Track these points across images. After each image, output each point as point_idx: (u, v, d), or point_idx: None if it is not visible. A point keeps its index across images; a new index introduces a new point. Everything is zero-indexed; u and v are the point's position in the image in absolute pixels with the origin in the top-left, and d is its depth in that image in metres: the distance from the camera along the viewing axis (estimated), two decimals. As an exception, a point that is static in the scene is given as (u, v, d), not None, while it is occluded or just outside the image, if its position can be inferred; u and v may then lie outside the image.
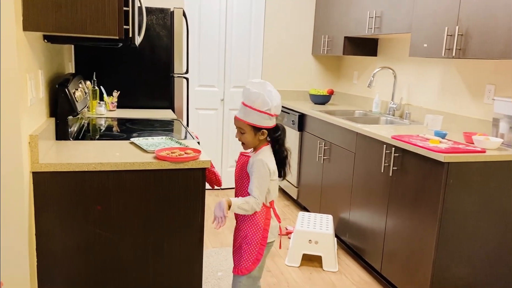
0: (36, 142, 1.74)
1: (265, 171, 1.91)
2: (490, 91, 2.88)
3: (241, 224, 2.02)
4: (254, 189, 1.91)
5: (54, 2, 1.68)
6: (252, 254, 1.97)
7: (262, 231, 1.98)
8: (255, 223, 1.98)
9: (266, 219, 1.99)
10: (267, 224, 1.98)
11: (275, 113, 1.95)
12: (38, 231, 1.83)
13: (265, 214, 1.99)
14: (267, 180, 1.93)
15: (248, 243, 1.98)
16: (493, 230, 2.49)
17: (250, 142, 1.98)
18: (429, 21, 2.92)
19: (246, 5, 4.54)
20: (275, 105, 1.92)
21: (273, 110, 1.92)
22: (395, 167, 2.70)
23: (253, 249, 1.97)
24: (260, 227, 1.98)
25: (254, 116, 1.92)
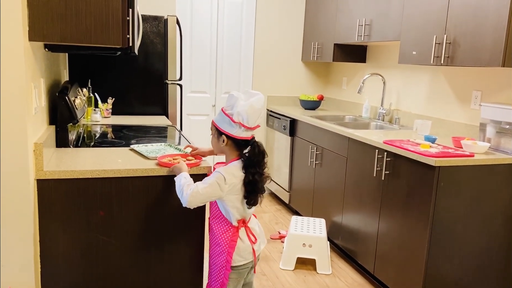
0: (41, 150, 1.77)
1: (217, 176, 1.76)
2: (477, 97, 2.98)
3: (210, 240, 1.95)
4: (198, 184, 1.76)
5: (59, 13, 1.71)
6: (218, 278, 1.88)
7: (226, 255, 1.84)
8: (217, 244, 1.87)
9: (231, 241, 1.84)
10: (231, 247, 1.84)
11: (239, 121, 1.76)
12: (42, 237, 1.85)
13: (231, 236, 1.85)
14: (214, 189, 1.75)
15: (214, 265, 1.90)
16: (483, 232, 2.58)
17: (213, 146, 1.91)
18: (418, 29, 3.01)
19: (237, 13, 4.60)
20: (240, 112, 1.75)
21: (236, 116, 1.76)
22: (387, 171, 2.77)
23: (219, 273, 1.87)
24: (223, 250, 1.85)
25: (219, 118, 1.83)
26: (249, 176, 1.79)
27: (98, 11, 1.76)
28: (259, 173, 1.81)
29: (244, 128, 1.78)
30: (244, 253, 1.88)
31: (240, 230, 1.87)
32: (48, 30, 1.71)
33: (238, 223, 1.87)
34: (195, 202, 1.77)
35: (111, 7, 1.78)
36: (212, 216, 1.93)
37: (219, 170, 1.80)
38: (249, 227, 1.91)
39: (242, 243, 1.87)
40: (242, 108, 1.76)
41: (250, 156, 1.81)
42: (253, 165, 1.80)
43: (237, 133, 1.79)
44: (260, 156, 1.81)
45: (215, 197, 1.81)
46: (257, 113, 1.78)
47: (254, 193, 1.82)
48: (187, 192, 1.75)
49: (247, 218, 1.91)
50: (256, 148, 1.81)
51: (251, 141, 1.82)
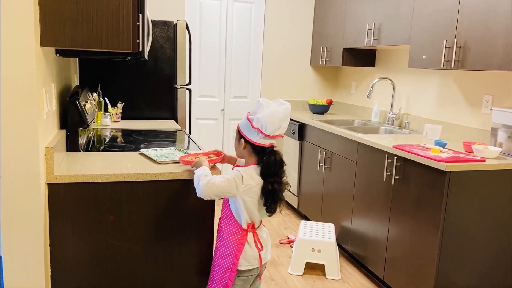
0: (52, 154, 1.78)
1: (235, 174, 1.77)
2: (488, 101, 2.96)
3: (217, 241, 1.95)
4: (215, 177, 1.77)
5: (71, 18, 1.73)
6: (222, 279, 1.87)
7: (233, 257, 1.84)
8: (226, 246, 1.87)
9: (239, 244, 1.84)
10: (239, 250, 1.84)
11: (257, 127, 1.77)
12: (52, 241, 1.86)
13: (239, 238, 1.85)
14: (230, 186, 1.76)
15: (218, 266, 1.90)
16: (495, 237, 2.55)
17: (235, 149, 1.93)
18: (427, 33, 3.00)
19: (245, 17, 4.61)
20: (260, 118, 1.77)
21: (255, 121, 1.77)
22: (397, 176, 2.76)
23: (223, 275, 1.87)
24: (231, 252, 1.85)
25: (243, 120, 1.85)
26: (269, 186, 1.78)
27: (109, 17, 1.77)
28: (278, 182, 1.80)
29: (262, 135, 1.78)
30: (250, 259, 1.87)
31: (248, 234, 1.87)
32: (60, 36, 1.73)
33: (247, 226, 1.86)
34: (209, 193, 1.75)
35: (122, 13, 1.80)
36: (223, 217, 1.93)
37: (238, 169, 1.81)
38: (257, 233, 1.90)
39: (249, 247, 1.87)
40: (262, 115, 1.77)
41: (266, 164, 1.79)
42: (271, 174, 1.79)
43: (255, 139, 1.80)
44: (277, 165, 1.80)
45: (229, 193, 1.79)
46: (277, 122, 1.78)
47: (274, 202, 1.81)
48: (203, 181, 1.75)
49: (256, 223, 1.90)
50: (273, 156, 1.80)
51: (268, 149, 1.81)
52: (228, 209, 1.90)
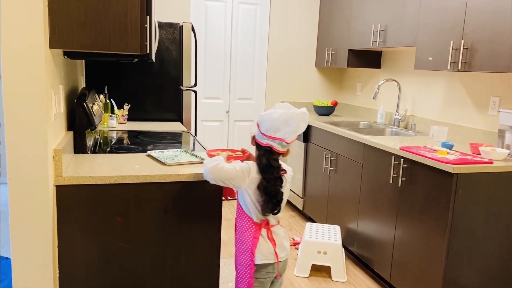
0: (60, 156, 1.78)
1: (243, 169, 1.82)
2: (495, 103, 2.95)
3: (235, 240, 1.99)
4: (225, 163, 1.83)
5: (80, 21, 1.74)
6: (244, 278, 1.91)
7: (250, 253, 1.88)
8: (243, 242, 1.91)
9: (254, 238, 1.88)
10: (254, 244, 1.88)
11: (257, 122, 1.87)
12: (60, 242, 1.86)
13: (253, 233, 1.89)
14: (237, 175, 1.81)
15: (239, 265, 1.94)
16: (502, 239, 2.53)
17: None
18: (434, 34, 2.99)
19: (250, 19, 4.62)
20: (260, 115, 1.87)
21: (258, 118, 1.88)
22: (403, 178, 2.75)
23: (244, 273, 1.91)
24: (247, 248, 1.89)
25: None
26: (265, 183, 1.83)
27: (117, 19, 1.78)
28: (266, 179, 1.83)
29: (259, 132, 1.85)
30: (266, 252, 1.90)
31: (262, 229, 1.91)
32: (69, 38, 1.74)
33: (261, 222, 1.90)
34: (215, 176, 1.80)
35: (130, 15, 1.80)
36: (237, 215, 1.98)
37: (247, 162, 1.87)
38: (272, 230, 1.93)
39: (264, 242, 1.90)
40: (263, 113, 1.86)
41: (257, 161, 1.86)
42: (261, 170, 1.84)
43: (256, 135, 1.88)
44: (261, 165, 1.84)
45: (234, 182, 1.83)
46: (271, 122, 1.81)
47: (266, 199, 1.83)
48: (211, 164, 1.80)
49: (271, 221, 1.93)
50: (263, 156, 1.84)
51: (263, 148, 1.85)
52: (240, 207, 1.95)
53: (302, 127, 1.86)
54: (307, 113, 1.87)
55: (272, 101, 4.82)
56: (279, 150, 1.85)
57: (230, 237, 3.83)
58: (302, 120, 1.85)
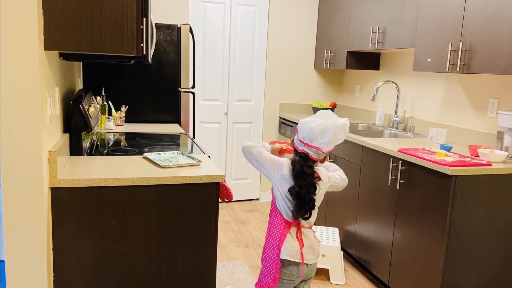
0: (55, 158, 1.77)
1: (278, 161, 1.89)
2: (494, 105, 2.93)
3: (266, 234, 2.01)
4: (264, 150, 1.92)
5: (74, 22, 1.73)
6: (271, 272, 1.92)
7: (277, 249, 1.90)
8: (272, 237, 1.94)
9: (282, 235, 1.90)
10: (281, 240, 1.89)
11: (296, 128, 1.92)
12: (55, 245, 1.85)
13: (282, 229, 1.91)
14: (269, 163, 1.88)
15: (266, 259, 1.95)
16: (501, 242, 2.52)
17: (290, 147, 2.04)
18: (432, 36, 2.98)
19: (249, 21, 4.61)
20: (300, 121, 1.92)
21: (300, 129, 1.90)
22: (402, 180, 2.73)
23: (271, 267, 1.92)
24: (275, 244, 1.91)
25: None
26: (296, 188, 1.84)
27: (113, 20, 1.77)
28: (299, 185, 1.83)
29: (297, 138, 1.89)
30: (292, 249, 1.89)
31: (292, 228, 1.91)
32: (63, 39, 1.72)
33: (292, 220, 1.90)
34: (249, 152, 1.90)
35: (126, 16, 1.79)
36: (270, 210, 2.00)
37: (286, 159, 1.91)
38: (302, 231, 1.92)
39: (291, 238, 1.90)
40: (302, 121, 1.89)
41: (291, 165, 1.87)
42: (295, 176, 1.85)
43: (295, 141, 1.91)
44: (294, 170, 1.84)
45: (264, 169, 1.90)
46: (309, 130, 1.83)
47: (298, 204, 1.84)
48: (249, 143, 1.91)
49: (301, 222, 1.92)
50: (297, 162, 1.85)
51: (299, 153, 1.87)
52: (273, 203, 1.97)
53: (340, 138, 1.86)
54: (347, 124, 1.87)
55: (271, 103, 4.81)
56: (314, 158, 1.86)
57: (228, 240, 3.81)
58: (341, 131, 1.85)
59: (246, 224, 4.20)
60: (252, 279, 3.08)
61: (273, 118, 4.85)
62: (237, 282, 3.04)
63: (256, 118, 4.83)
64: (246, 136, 4.81)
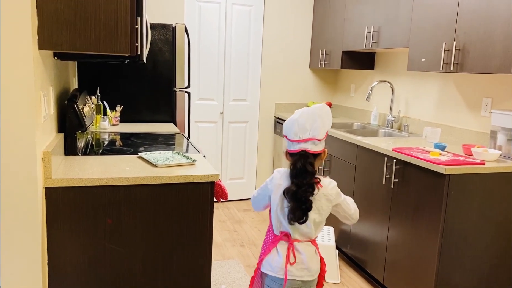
0: (50, 158, 1.77)
1: (267, 180, 1.86)
2: (487, 104, 2.95)
3: None
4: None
5: (68, 21, 1.72)
6: (255, 275, 1.89)
7: (260, 258, 1.84)
8: (263, 245, 1.87)
9: (267, 249, 1.81)
10: (265, 253, 1.80)
11: (284, 135, 1.81)
12: (50, 245, 1.85)
13: (270, 242, 1.82)
14: (263, 189, 1.86)
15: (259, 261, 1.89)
16: (494, 240, 2.54)
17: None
18: (426, 36, 3.00)
19: (244, 20, 4.61)
20: (283, 125, 1.84)
21: (283, 131, 1.83)
22: (396, 179, 2.75)
23: (255, 272, 1.88)
24: (261, 253, 1.84)
25: None
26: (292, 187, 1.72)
27: (107, 20, 1.77)
28: (296, 184, 1.72)
29: (287, 140, 1.79)
30: (274, 265, 1.78)
31: (280, 242, 1.79)
32: (57, 39, 1.72)
33: (280, 234, 1.79)
34: (255, 205, 1.93)
35: (120, 16, 1.79)
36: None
37: (279, 169, 1.86)
38: (293, 245, 1.77)
39: (276, 255, 1.78)
40: (284, 123, 1.81)
41: (291, 166, 1.76)
42: (293, 175, 1.74)
43: (287, 146, 1.80)
44: (295, 169, 1.73)
45: (267, 196, 1.86)
46: (296, 123, 1.75)
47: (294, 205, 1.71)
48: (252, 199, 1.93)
49: (292, 234, 1.78)
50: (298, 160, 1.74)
51: (297, 154, 1.75)
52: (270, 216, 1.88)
53: (327, 120, 1.79)
54: (327, 106, 1.80)
55: (267, 102, 4.81)
56: (314, 151, 1.76)
57: (223, 239, 3.82)
58: (325, 114, 1.78)
59: (241, 224, 4.20)
60: (247, 278, 3.08)
61: (268, 117, 4.86)
62: (232, 281, 3.04)
63: (251, 118, 4.83)
64: (242, 135, 4.82)
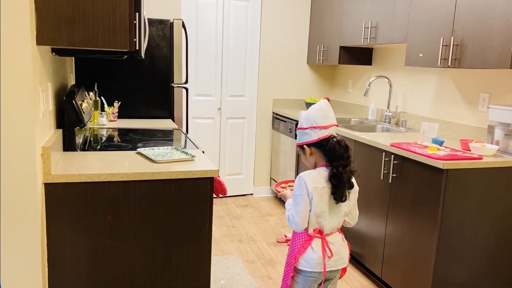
0: (49, 154, 1.77)
1: (301, 188, 1.78)
2: (485, 99, 2.96)
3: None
4: (293, 208, 1.82)
5: (67, 17, 1.72)
6: (286, 278, 1.90)
7: (294, 258, 1.85)
8: (292, 246, 1.88)
9: (301, 247, 1.83)
10: (299, 252, 1.83)
11: (309, 125, 1.81)
12: (49, 241, 1.85)
13: (303, 242, 1.84)
14: (303, 199, 1.78)
15: (286, 264, 1.92)
16: (492, 235, 2.55)
17: (306, 163, 1.91)
18: (424, 31, 3.00)
19: (242, 16, 4.60)
20: (304, 117, 1.83)
21: (305, 123, 1.83)
22: (394, 174, 2.76)
23: (287, 273, 1.89)
24: (293, 253, 1.86)
25: (297, 137, 1.90)
26: (333, 170, 1.76)
27: (106, 15, 1.76)
28: (342, 165, 1.76)
29: (317, 129, 1.80)
30: (312, 262, 1.83)
31: (314, 240, 1.83)
32: (56, 34, 1.72)
33: (314, 231, 1.83)
34: (302, 223, 1.81)
35: (118, 11, 1.79)
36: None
37: (300, 176, 1.81)
38: (326, 240, 1.84)
39: (312, 252, 1.82)
40: (305, 115, 1.84)
41: (330, 149, 1.77)
42: (336, 158, 1.77)
43: (314, 137, 1.81)
44: (341, 148, 1.78)
45: (308, 206, 1.79)
46: (320, 111, 1.81)
47: (340, 188, 1.77)
48: (288, 217, 1.85)
49: (325, 229, 1.84)
50: (335, 140, 1.79)
51: (329, 138, 1.80)
52: None
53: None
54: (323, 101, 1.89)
55: (265, 98, 4.81)
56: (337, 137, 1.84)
57: (222, 235, 3.82)
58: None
59: (240, 219, 4.21)
60: (246, 274, 3.10)
61: (266, 113, 4.86)
62: (231, 276, 3.05)
63: (249, 114, 4.83)
64: (240, 131, 4.82)
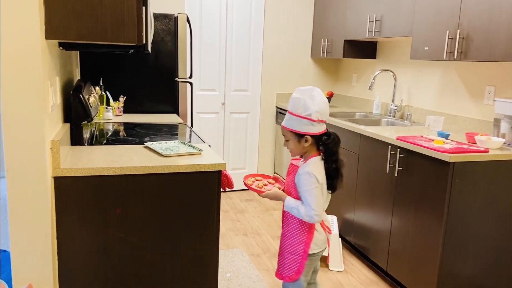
0: (58, 148, 1.78)
1: (313, 182, 1.87)
2: (490, 92, 2.96)
3: (286, 231, 2.03)
4: (310, 203, 1.87)
5: (75, 11, 1.72)
6: (294, 265, 1.97)
7: (304, 245, 1.94)
8: (298, 235, 1.96)
9: (309, 233, 1.95)
10: (309, 238, 1.95)
11: (318, 118, 1.87)
12: (59, 235, 1.86)
13: (309, 227, 1.95)
14: (319, 192, 1.89)
15: (291, 253, 1.98)
16: (499, 228, 2.56)
17: (295, 150, 1.97)
18: (430, 24, 2.99)
19: (245, 10, 4.59)
20: (317, 110, 1.85)
21: (314, 115, 1.85)
22: (400, 168, 2.76)
23: (295, 261, 1.97)
24: (302, 240, 1.95)
25: (294, 122, 1.90)
26: (332, 165, 1.92)
27: (114, 9, 1.76)
28: (338, 160, 1.94)
29: (323, 122, 1.92)
30: (319, 243, 2.00)
31: (316, 224, 1.97)
32: (65, 28, 1.72)
33: None
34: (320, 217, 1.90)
35: (126, 5, 1.78)
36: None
37: (308, 172, 1.89)
38: (323, 218, 2.00)
39: (318, 234, 1.98)
40: (318, 106, 1.87)
41: (330, 146, 1.91)
42: (332, 153, 1.92)
43: (318, 130, 1.91)
44: (338, 144, 1.94)
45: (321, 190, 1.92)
46: (327, 106, 1.92)
47: (337, 179, 1.95)
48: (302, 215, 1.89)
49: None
50: (334, 137, 1.93)
51: (328, 132, 1.94)
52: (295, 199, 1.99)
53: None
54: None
55: (268, 93, 4.81)
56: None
57: (227, 229, 3.84)
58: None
59: (244, 213, 4.22)
60: (251, 267, 3.11)
61: (270, 108, 4.86)
62: (237, 269, 3.07)
63: (253, 108, 4.83)
64: (243, 126, 4.82)
